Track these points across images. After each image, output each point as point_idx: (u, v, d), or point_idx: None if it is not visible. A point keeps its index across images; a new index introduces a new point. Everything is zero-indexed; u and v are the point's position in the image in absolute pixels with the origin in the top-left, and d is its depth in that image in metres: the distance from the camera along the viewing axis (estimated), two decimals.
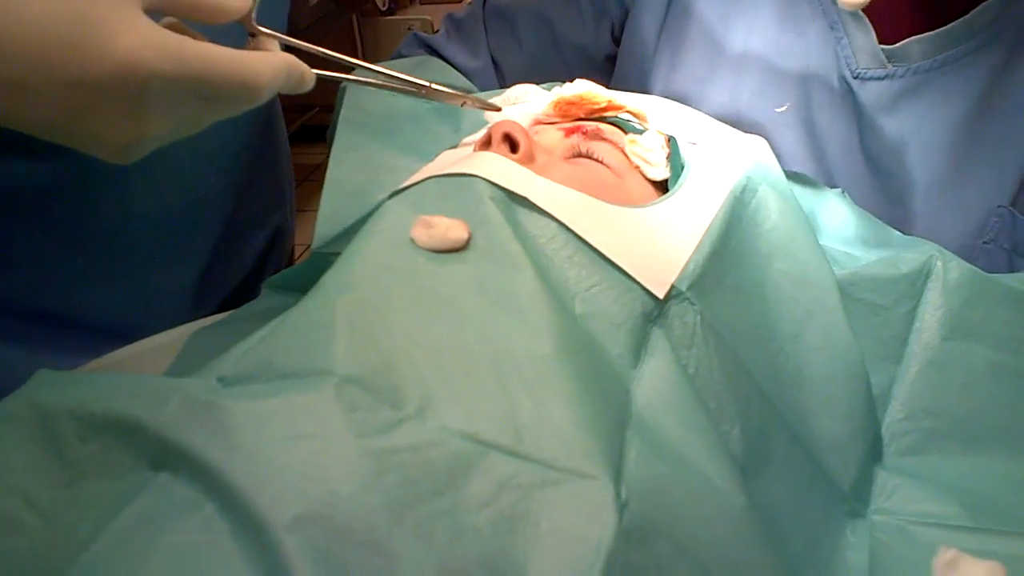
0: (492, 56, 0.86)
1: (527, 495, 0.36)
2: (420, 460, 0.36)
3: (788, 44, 0.72)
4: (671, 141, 0.63)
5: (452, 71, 0.82)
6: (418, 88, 0.53)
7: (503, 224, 0.47)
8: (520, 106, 0.68)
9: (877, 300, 0.59)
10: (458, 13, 0.90)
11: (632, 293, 0.48)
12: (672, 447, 0.43)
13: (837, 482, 0.54)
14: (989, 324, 0.58)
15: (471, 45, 0.87)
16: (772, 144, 0.66)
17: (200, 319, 0.64)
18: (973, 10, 0.63)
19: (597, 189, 0.54)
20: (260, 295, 0.64)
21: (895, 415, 0.58)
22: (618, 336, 0.46)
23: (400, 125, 0.66)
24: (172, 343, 0.60)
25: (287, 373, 0.39)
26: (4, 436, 0.37)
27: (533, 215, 0.49)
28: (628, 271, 0.48)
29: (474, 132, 0.65)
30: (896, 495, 0.55)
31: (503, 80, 0.86)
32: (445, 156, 0.59)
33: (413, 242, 0.46)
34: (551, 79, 0.74)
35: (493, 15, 0.87)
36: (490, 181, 0.49)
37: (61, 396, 0.38)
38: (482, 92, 0.78)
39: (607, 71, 0.85)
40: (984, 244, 0.66)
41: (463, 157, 0.54)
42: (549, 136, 0.62)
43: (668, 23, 0.78)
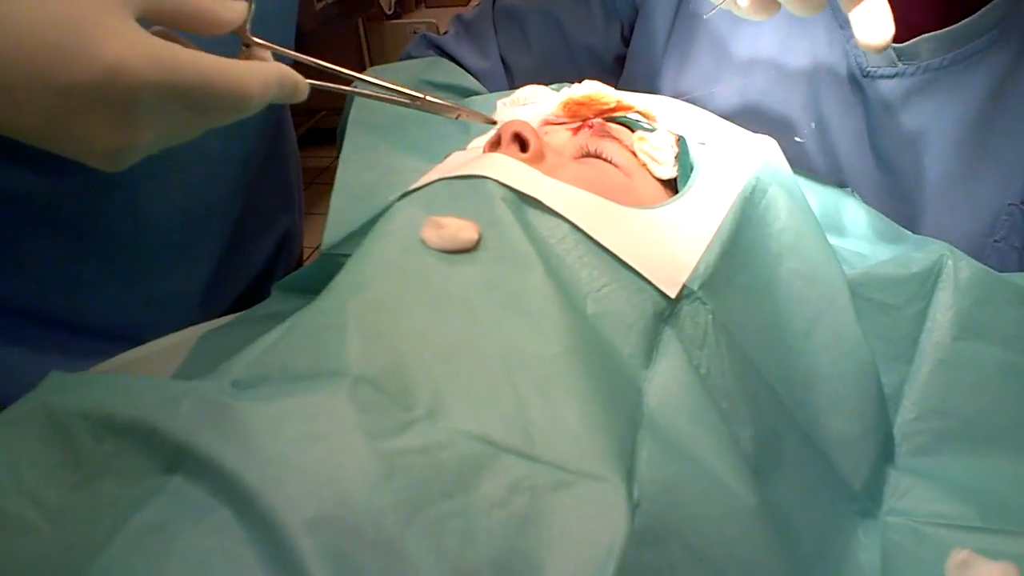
0: (502, 56, 0.86)
1: (538, 497, 0.36)
2: (430, 462, 0.36)
3: (797, 43, 0.72)
4: (680, 141, 0.63)
5: (462, 72, 0.82)
6: (412, 100, 0.53)
7: (514, 224, 0.47)
8: (529, 107, 0.68)
9: (888, 300, 0.59)
10: (467, 14, 0.90)
11: (643, 293, 0.47)
12: (684, 447, 0.43)
13: (848, 481, 0.54)
14: (999, 324, 0.58)
15: (481, 46, 0.87)
16: (781, 144, 0.66)
17: (208, 321, 0.64)
18: (982, 8, 0.63)
19: (607, 189, 0.53)
20: (270, 297, 0.64)
21: (907, 415, 0.58)
22: (630, 336, 0.46)
23: (409, 125, 0.66)
24: (181, 345, 0.60)
25: (300, 375, 0.39)
26: (17, 438, 0.37)
27: (544, 216, 0.49)
28: (640, 271, 0.48)
29: (483, 134, 0.65)
30: (908, 496, 0.55)
31: (512, 81, 0.86)
32: (454, 157, 0.59)
33: (424, 243, 0.46)
34: (561, 80, 0.74)
35: (503, 16, 0.87)
36: (501, 182, 0.49)
37: (74, 398, 0.38)
38: (492, 93, 0.78)
39: (616, 72, 0.85)
40: (995, 242, 0.66)
41: (473, 159, 0.54)
42: (558, 137, 0.62)
43: (677, 24, 0.78)
